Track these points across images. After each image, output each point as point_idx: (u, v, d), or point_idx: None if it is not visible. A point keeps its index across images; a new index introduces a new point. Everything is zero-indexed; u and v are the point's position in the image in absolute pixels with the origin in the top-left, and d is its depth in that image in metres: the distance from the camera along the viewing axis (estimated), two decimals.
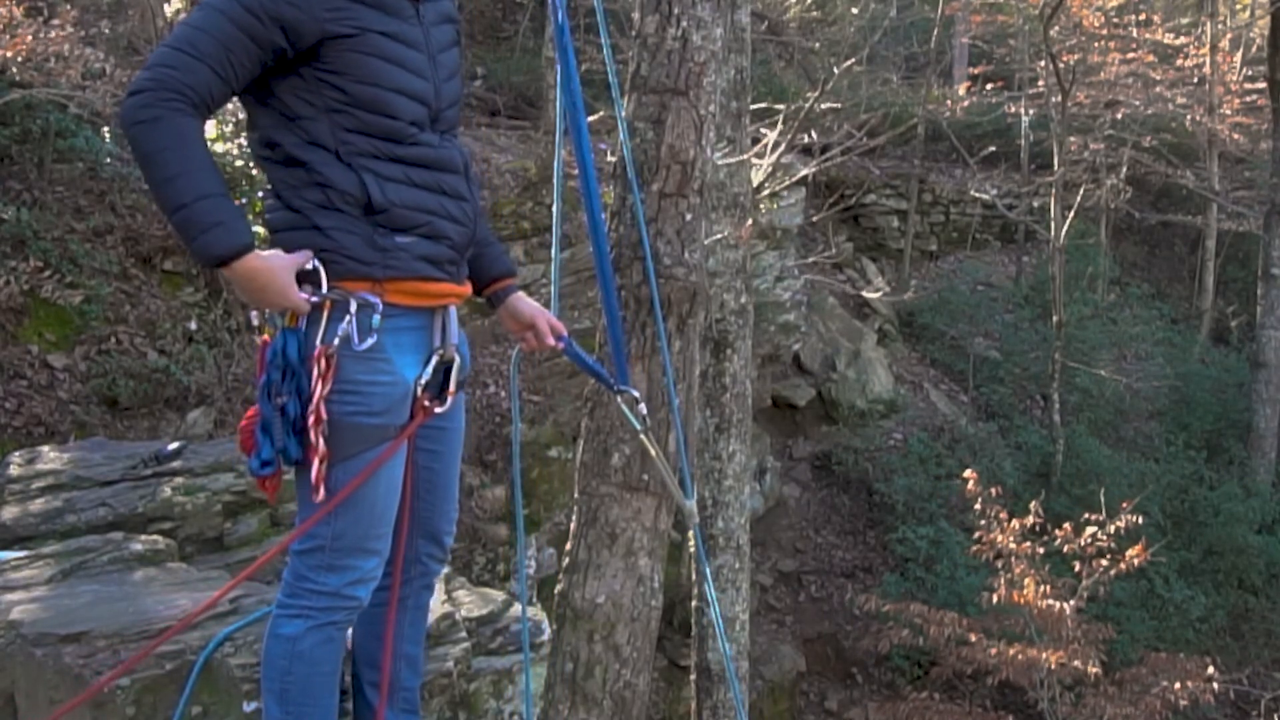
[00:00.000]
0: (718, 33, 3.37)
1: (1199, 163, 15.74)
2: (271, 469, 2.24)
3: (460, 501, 8.42)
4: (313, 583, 2.34)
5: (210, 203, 2.02)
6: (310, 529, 2.29)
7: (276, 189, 2.24)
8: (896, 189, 14.88)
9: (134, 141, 2.02)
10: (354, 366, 2.21)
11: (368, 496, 2.29)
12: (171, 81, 2.01)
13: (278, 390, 2.20)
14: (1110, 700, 8.26)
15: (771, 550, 11.17)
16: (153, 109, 1.99)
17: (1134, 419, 13.54)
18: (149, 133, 2.00)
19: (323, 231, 2.19)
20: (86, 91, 6.58)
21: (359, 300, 2.19)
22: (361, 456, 2.25)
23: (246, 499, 4.16)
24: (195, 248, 2.04)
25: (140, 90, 2.01)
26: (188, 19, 2.11)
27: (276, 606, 2.40)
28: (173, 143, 2.00)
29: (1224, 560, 11.71)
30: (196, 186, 2.01)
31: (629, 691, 3.33)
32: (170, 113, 2.00)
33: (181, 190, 2.01)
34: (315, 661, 2.36)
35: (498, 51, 13.70)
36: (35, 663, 2.71)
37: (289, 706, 2.36)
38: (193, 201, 2.01)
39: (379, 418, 2.27)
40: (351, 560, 2.33)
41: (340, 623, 2.38)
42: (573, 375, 8.83)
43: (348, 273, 2.20)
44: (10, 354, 6.30)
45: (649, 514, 3.33)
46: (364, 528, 2.32)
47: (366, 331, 2.20)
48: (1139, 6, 15.78)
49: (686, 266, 3.31)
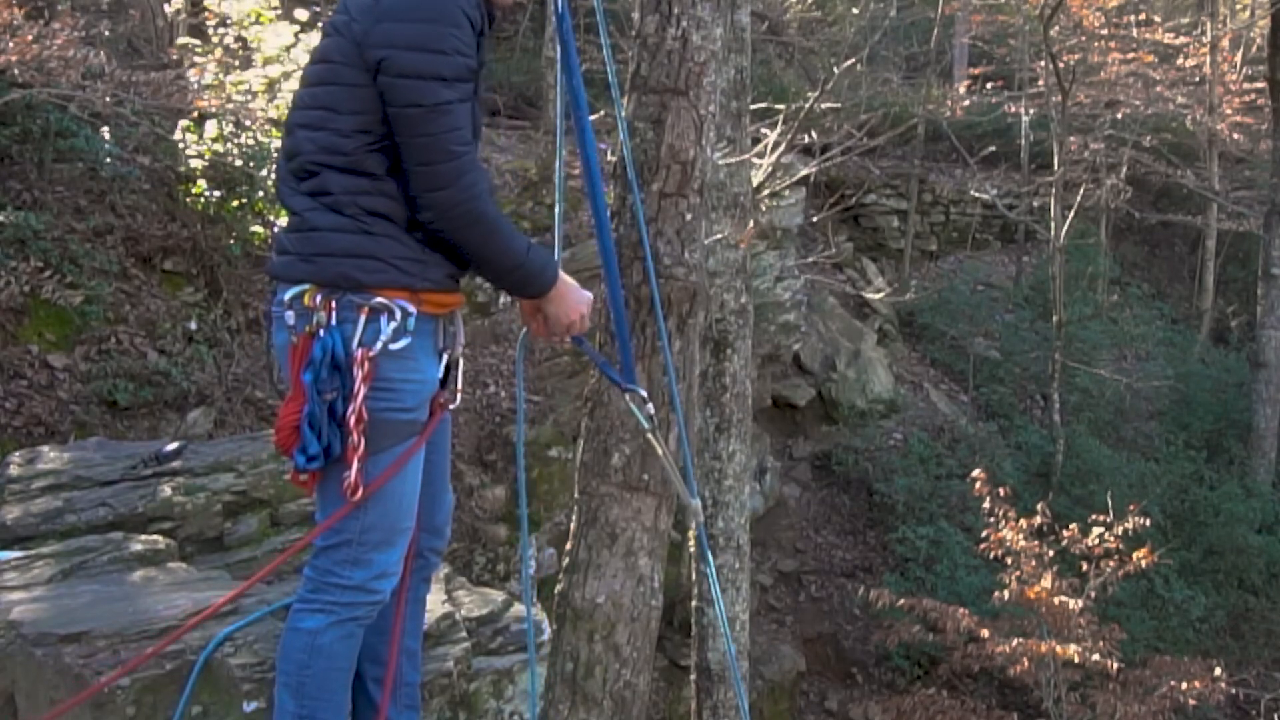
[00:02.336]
0: (718, 33, 3.36)
1: (1199, 163, 15.73)
2: (318, 464, 2.31)
3: (460, 501, 8.40)
4: (338, 577, 2.39)
5: (535, 250, 2.42)
6: (338, 524, 2.36)
7: (331, 191, 2.31)
8: (896, 189, 14.87)
9: (480, 216, 2.31)
10: (389, 365, 2.32)
11: (396, 490, 2.39)
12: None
13: (327, 387, 2.27)
14: (1118, 699, 8.25)
15: (771, 550, 11.16)
16: (479, 186, 2.31)
17: (1134, 419, 13.53)
18: (486, 207, 2.32)
19: (373, 237, 2.31)
20: (86, 92, 6.57)
21: (400, 308, 2.32)
22: (392, 451, 2.35)
23: (247, 499, 4.16)
24: (543, 281, 2.45)
25: (465, 173, 2.29)
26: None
27: (298, 601, 2.44)
28: (496, 212, 2.36)
29: (1224, 560, 11.70)
30: (522, 240, 2.41)
31: (629, 691, 3.33)
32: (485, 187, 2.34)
33: (521, 245, 2.39)
34: (334, 656, 2.40)
35: (498, 51, 13.70)
36: (35, 663, 2.72)
37: (305, 701, 2.39)
38: (528, 250, 2.40)
39: (410, 414, 2.39)
40: (377, 555, 2.39)
41: (361, 619, 2.43)
42: (573, 375, 8.83)
43: (390, 281, 2.32)
44: (10, 354, 6.30)
45: (649, 514, 3.32)
46: (391, 521, 2.40)
47: (402, 333, 2.32)
48: (1139, 6, 15.76)
49: (686, 266, 3.31)
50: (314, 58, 2.44)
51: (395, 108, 2.26)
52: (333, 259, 2.30)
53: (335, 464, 2.32)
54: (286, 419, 2.31)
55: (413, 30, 2.24)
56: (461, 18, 2.27)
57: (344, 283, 2.29)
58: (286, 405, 2.32)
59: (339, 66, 2.32)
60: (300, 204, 2.35)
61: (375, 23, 2.26)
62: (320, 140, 2.32)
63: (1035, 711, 9.09)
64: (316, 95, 2.36)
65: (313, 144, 2.33)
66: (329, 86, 2.34)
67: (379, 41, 2.25)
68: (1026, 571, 8.26)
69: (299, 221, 2.35)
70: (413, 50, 2.23)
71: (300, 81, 2.47)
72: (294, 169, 2.38)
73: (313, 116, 2.35)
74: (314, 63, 2.42)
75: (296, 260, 2.34)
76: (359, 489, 2.30)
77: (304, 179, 2.35)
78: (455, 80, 2.27)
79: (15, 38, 6.42)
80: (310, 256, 2.32)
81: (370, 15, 2.28)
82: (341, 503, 2.32)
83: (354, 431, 2.28)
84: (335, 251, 2.30)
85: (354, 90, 2.29)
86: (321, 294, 2.31)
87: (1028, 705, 9.42)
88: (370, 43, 2.26)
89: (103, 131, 7.10)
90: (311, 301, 2.31)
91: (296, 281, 2.34)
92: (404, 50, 2.23)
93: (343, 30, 2.33)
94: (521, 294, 2.51)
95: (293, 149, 2.38)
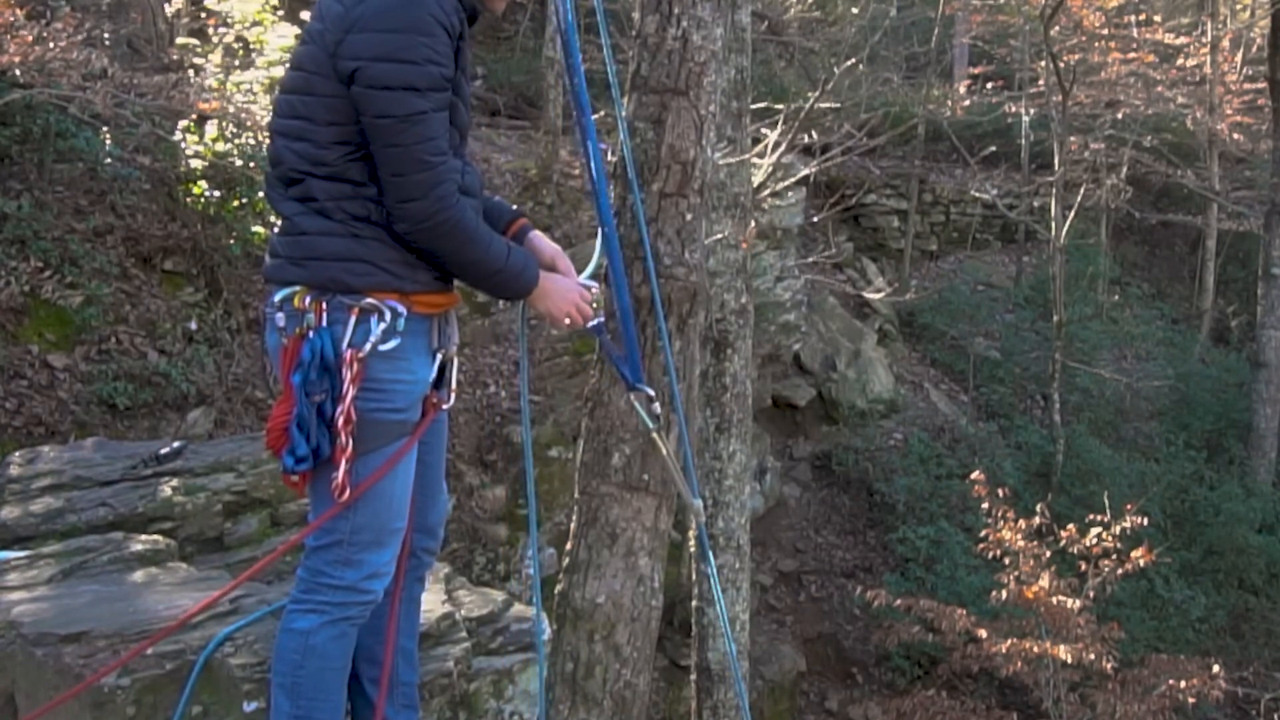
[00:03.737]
0: (718, 33, 3.36)
1: (1199, 163, 15.72)
2: (307, 465, 2.32)
3: (460, 501, 8.40)
4: (329, 577, 2.39)
5: (515, 253, 2.42)
6: (328, 524, 2.36)
7: (317, 198, 2.32)
8: (897, 189, 14.86)
9: (455, 227, 2.31)
10: (379, 366, 2.32)
11: (386, 490, 2.39)
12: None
13: (315, 389, 2.28)
14: (1117, 699, 8.25)
15: (771, 550, 11.16)
16: (453, 196, 2.30)
17: (1134, 419, 13.53)
18: (460, 216, 2.32)
19: (362, 241, 2.31)
20: (87, 93, 6.57)
21: (390, 309, 2.32)
22: (382, 451, 2.35)
23: (246, 499, 4.16)
24: (521, 285, 2.44)
25: (439, 184, 2.28)
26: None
27: (291, 602, 2.45)
28: (473, 220, 2.36)
29: (1224, 560, 11.70)
30: (501, 245, 2.41)
31: (629, 691, 3.33)
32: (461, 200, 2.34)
33: (499, 252, 2.39)
34: (328, 656, 2.41)
35: (498, 51, 13.70)
36: (35, 662, 2.72)
37: (300, 701, 2.40)
38: (508, 255, 2.40)
39: (400, 414, 2.38)
40: (368, 555, 2.40)
41: (354, 618, 2.43)
42: (573, 375, 8.83)
43: (380, 284, 2.32)
44: (10, 354, 6.30)
45: (649, 514, 3.32)
46: (382, 521, 2.40)
47: (391, 334, 2.33)
48: (1139, 6, 15.76)
49: (686, 266, 3.31)
50: (291, 64, 2.43)
51: (368, 118, 2.25)
52: (322, 263, 2.31)
53: (326, 465, 2.33)
54: (277, 421, 2.32)
55: (383, 40, 2.22)
56: (433, 25, 2.24)
57: (334, 286, 2.30)
58: (277, 407, 2.33)
59: (313, 76, 2.31)
60: (289, 209, 2.36)
61: (345, 33, 2.25)
62: (300, 150, 2.32)
63: (1035, 711, 9.09)
64: (294, 104, 2.35)
65: (293, 153, 2.33)
66: (304, 96, 2.33)
67: (349, 53, 2.24)
68: (1025, 571, 8.26)
69: (289, 225, 2.36)
70: (383, 61, 2.22)
71: (279, 87, 2.46)
72: (278, 175, 2.38)
73: (292, 126, 2.34)
74: (291, 69, 2.41)
75: (287, 264, 2.35)
76: (346, 490, 2.31)
77: (290, 185, 2.35)
78: (429, 90, 2.25)
79: (16, 38, 6.42)
80: (300, 260, 2.33)
81: (341, 25, 2.26)
82: (332, 503, 2.33)
83: (342, 432, 2.29)
84: (324, 255, 2.31)
85: (329, 101, 2.29)
86: (311, 296, 2.32)
87: (1027, 705, 9.41)
88: (342, 54, 2.25)
89: (103, 132, 7.10)
90: (302, 303, 2.32)
91: (287, 284, 2.35)
92: (374, 61, 2.22)
93: (316, 39, 2.32)
94: (504, 297, 2.54)
95: (275, 156, 2.38)
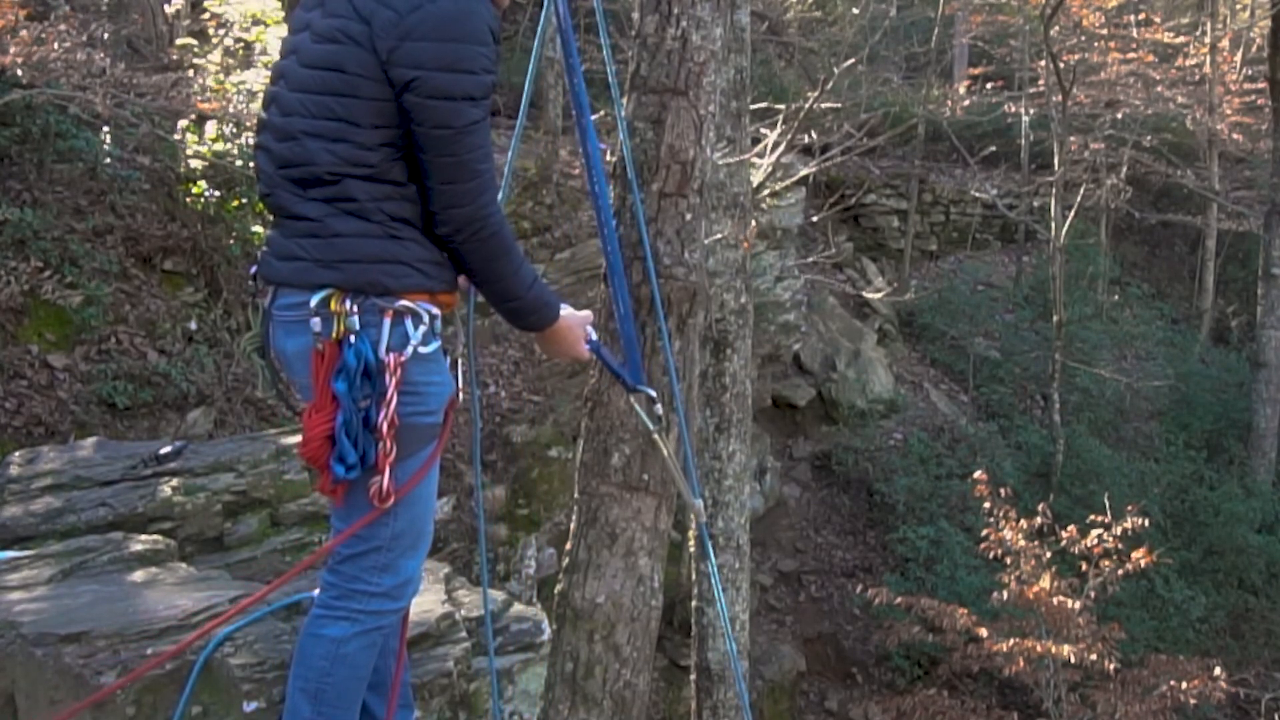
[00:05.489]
0: (718, 33, 3.36)
1: (1199, 163, 15.73)
2: (356, 473, 2.28)
3: (460, 501, 8.38)
4: (366, 584, 2.38)
5: (538, 286, 2.45)
6: (364, 531, 2.34)
7: (357, 198, 2.28)
8: (896, 189, 14.87)
9: (494, 235, 2.33)
10: (415, 369, 2.31)
11: (423, 495, 2.40)
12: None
13: (361, 394, 2.26)
14: (1118, 699, 8.25)
15: (771, 550, 11.16)
16: (496, 204, 2.34)
17: (1134, 419, 13.53)
18: (502, 229, 2.35)
19: (400, 242, 2.30)
20: (87, 93, 6.57)
21: (426, 312, 2.32)
22: (418, 455, 2.35)
23: (246, 499, 4.16)
24: (537, 319, 2.48)
25: (485, 191, 2.31)
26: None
27: (318, 607, 2.42)
28: (511, 238, 2.38)
29: (1224, 560, 11.70)
30: (530, 269, 2.43)
31: (629, 691, 3.33)
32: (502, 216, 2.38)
33: (526, 277, 2.41)
34: (357, 665, 2.41)
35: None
36: (35, 663, 2.71)
37: (322, 708, 2.39)
38: (530, 286, 2.42)
39: (433, 416, 2.38)
40: (405, 560, 2.40)
41: (385, 628, 2.43)
42: (573, 375, 8.83)
43: (415, 285, 2.31)
44: (10, 354, 6.30)
45: (649, 514, 3.32)
46: (419, 526, 2.41)
47: (431, 336, 2.33)
48: (1139, 6, 15.76)
49: (686, 266, 3.30)
50: (313, 62, 2.31)
51: (423, 128, 2.23)
52: (359, 265, 2.26)
53: (374, 473, 2.29)
54: (316, 429, 2.25)
55: (444, 50, 2.20)
56: (487, 34, 2.24)
57: (371, 289, 2.26)
58: (313, 415, 2.26)
59: (357, 79, 2.25)
60: (313, 210, 2.29)
61: (401, 40, 2.20)
62: (340, 152, 2.26)
63: (1035, 711, 9.09)
64: (328, 105, 2.27)
65: (331, 155, 2.26)
66: (344, 98, 2.26)
67: (408, 61, 2.20)
68: (1026, 571, 8.27)
69: (316, 227, 2.28)
70: (444, 71, 2.20)
71: (292, 84, 2.34)
72: (299, 176, 2.30)
73: (329, 127, 2.27)
74: (313, 68, 2.31)
75: (315, 266, 2.28)
76: (390, 495, 2.28)
77: (314, 185, 2.29)
78: (482, 98, 2.26)
79: (16, 39, 6.42)
80: (334, 263, 2.27)
81: (395, 32, 2.21)
82: (368, 509, 2.29)
83: (387, 438, 2.26)
84: (363, 258, 2.26)
85: (376, 104, 2.24)
86: (348, 299, 2.26)
87: (1028, 705, 9.41)
88: (398, 61, 2.21)
89: (103, 132, 7.10)
90: (339, 306, 2.26)
91: (315, 287, 2.28)
92: (435, 71, 2.20)
93: (360, 41, 2.24)
94: (515, 324, 2.50)
95: (301, 158, 2.29)
